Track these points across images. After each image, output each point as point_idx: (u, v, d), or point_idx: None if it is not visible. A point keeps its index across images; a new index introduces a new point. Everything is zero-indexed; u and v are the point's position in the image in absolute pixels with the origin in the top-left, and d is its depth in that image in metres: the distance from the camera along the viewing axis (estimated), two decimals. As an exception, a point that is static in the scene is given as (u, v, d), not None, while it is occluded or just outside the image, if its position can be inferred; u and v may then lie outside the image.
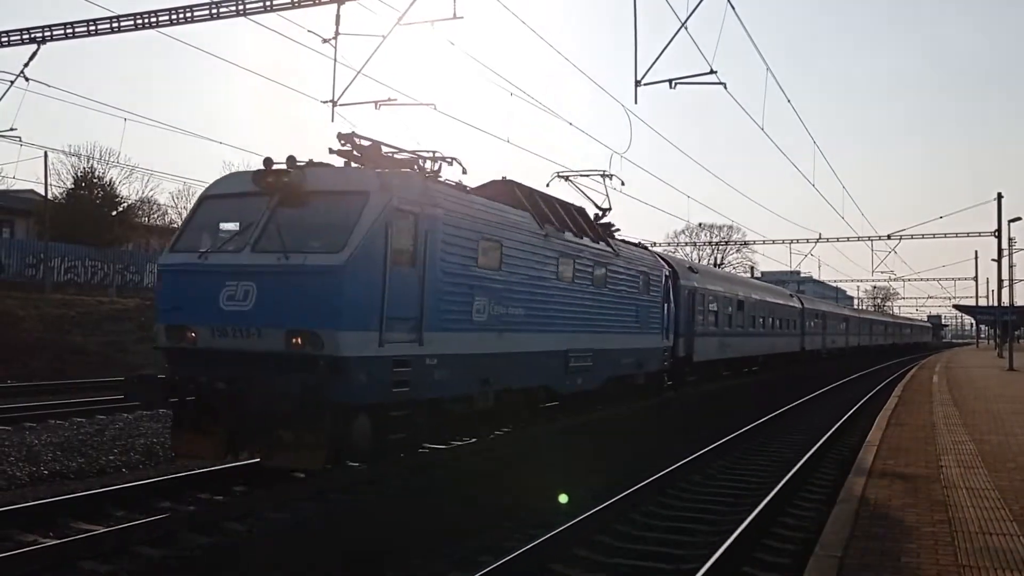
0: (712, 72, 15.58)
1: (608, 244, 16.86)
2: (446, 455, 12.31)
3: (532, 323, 13.25)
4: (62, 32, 18.51)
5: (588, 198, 18.50)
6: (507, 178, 14.30)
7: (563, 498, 9.49)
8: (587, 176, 18.56)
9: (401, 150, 11.60)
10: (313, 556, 7.61)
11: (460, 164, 12.10)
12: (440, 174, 11.79)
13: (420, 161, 11.57)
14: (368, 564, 7.38)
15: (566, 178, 18.48)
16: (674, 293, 21.95)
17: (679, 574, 7.21)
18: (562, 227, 14.56)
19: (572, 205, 16.17)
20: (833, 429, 15.84)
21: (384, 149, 11.26)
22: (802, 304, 42.94)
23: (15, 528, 7.99)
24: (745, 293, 32.21)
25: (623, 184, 18.87)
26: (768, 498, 9.39)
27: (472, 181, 14.64)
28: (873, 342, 69.36)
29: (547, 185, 17.64)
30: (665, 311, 20.53)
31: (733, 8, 15.24)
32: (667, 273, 20.98)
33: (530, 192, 14.39)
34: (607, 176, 18.41)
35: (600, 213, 18.41)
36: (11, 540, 7.66)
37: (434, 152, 11.80)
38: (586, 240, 15.64)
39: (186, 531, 8.06)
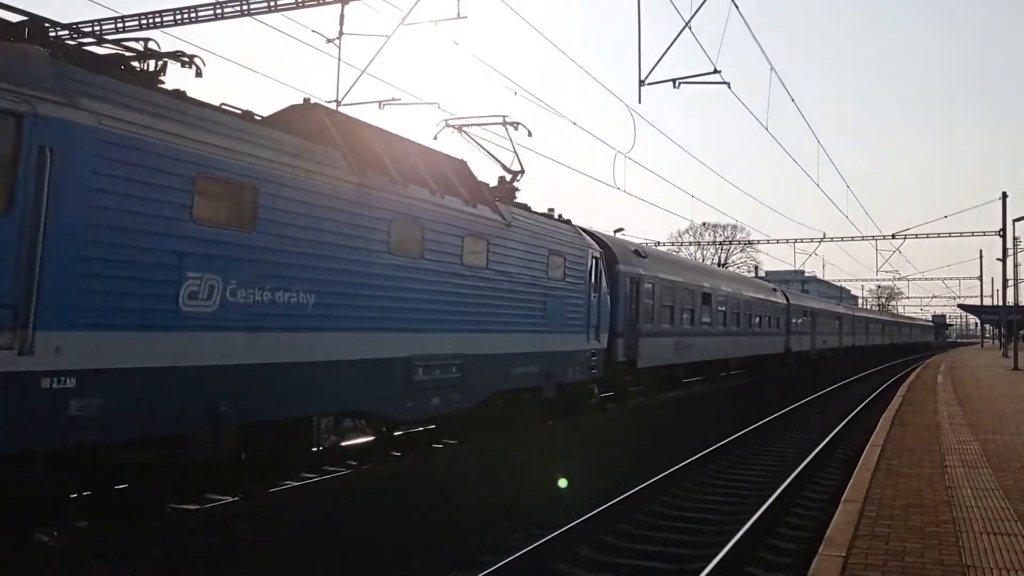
0: (716, 71, 15.64)
1: (496, 211, 12.88)
2: (447, 455, 12.30)
3: (331, 317, 9.20)
4: (66, 33, 18.54)
5: (493, 157, 14.92)
6: (310, 100, 10.37)
7: None
8: (485, 126, 14.79)
9: (126, 49, 8.14)
10: (314, 556, 7.61)
11: (198, 66, 8.38)
12: (163, 79, 8.12)
13: (141, 62, 8.03)
14: (369, 564, 7.39)
15: (459, 129, 14.65)
16: (610, 282, 17.80)
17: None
18: (406, 179, 10.63)
19: (439, 153, 12.37)
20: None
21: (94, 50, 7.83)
22: (787, 299, 39.02)
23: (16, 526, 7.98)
24: (712, 284, 27.29)
25: (530, 135, 15.18)
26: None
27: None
28: (870, 342, 65.73)
29: (435, 138, 14.66)
30: (594, 304, 16.41)
31: (737, 7, 15.25)
32: (596, 255, 16.66)
33: (348, 123, 10.43)
34: (510, 125, 14.66)
35: (508, 176, 15.01)
36: (14, 539, 7.67)
37: (146, 41, 8.19)
38: (452, 201, 11.57)
39: (192, 531, 8.07)
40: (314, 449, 9.65)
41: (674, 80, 15.84)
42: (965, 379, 28.23)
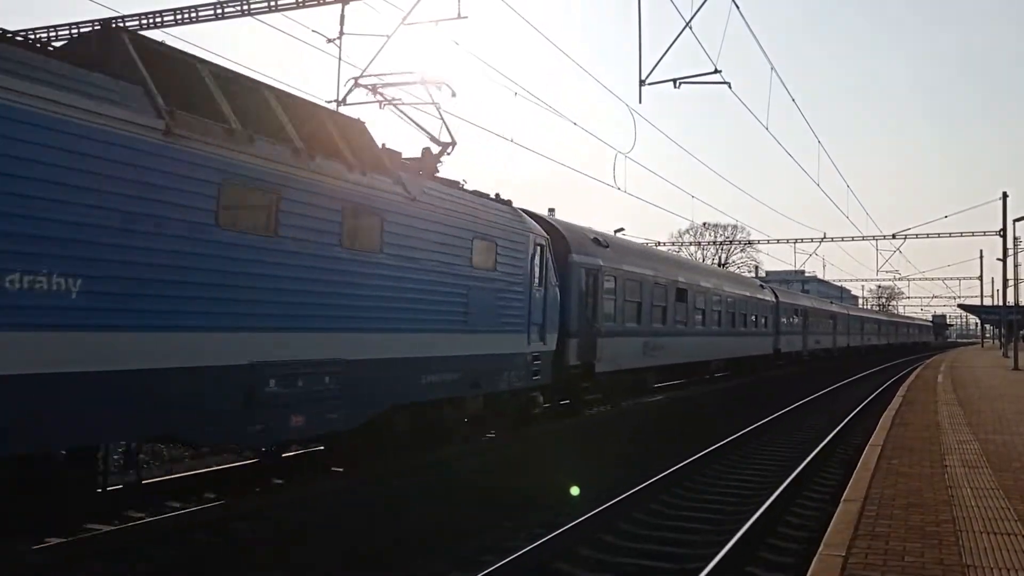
0: (716, 71, 15.68)
1: (399, 182, 10.41)
2: (448, 454, 12.31)
3: (113, 310, 6.84)
4: (67, 32, 18.59)
5: (415, 123, 12.40)
6: (113, 23, 7.78)
7: None
8: (401, 86, 12.20)
9: None
10: (314, 556, 7.62)
11: None
12: None
13: None
14: (369, 564, 7.40)
15: (373, 89, 12.18)
16: (561, 274, 15.59)
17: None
18: (253, 131, 8.22)
19: (320, 107, 10.24)
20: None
21: None
22: (776, 297, 36.64)
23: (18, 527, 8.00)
24: (689, 279, 24.67)
25: (454, 95, 12.43)
26: None
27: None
28: (866, 342, 63.35)
29: (343, 100, 12.45)
30: (538, 299, 14.02)
31: (737, 7, 15.25)
32: (541, 243, 14.28)
33: (165, 55, 8.18)
34: (431, 84, 12.16)
35: (436, 148, 12.51)
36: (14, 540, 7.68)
37: None
38: (328, 165, 9.14)
39: (192, 531, 8.08)
40: (100, 491, 7.76)
41: (675, 80, 15.88)
42: (965, 379, 28.23)
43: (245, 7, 17.00)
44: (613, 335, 18.21)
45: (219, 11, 17.27)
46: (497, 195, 13.85)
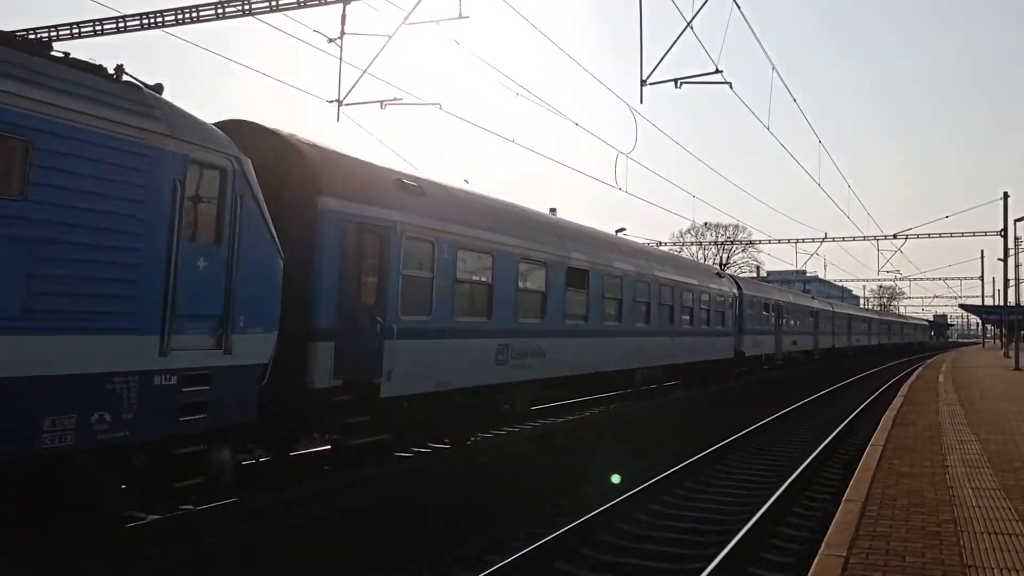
0: (718, 71, 15.68)
1: None
2: (448, 456, 12.32)
3: None
4: (68, 32, 18.59)
5: None
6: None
7: None
8: None
9: None
10: (314, 557, 7.63)
11: None
12: None
13: None
14: (369, 564, 7.40)
15: None
16: (302, 231, 9.70)
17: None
18: None
19: None
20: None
21: None
22: (739, 288, 30.43)
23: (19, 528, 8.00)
24: (592, 257, 17.59)
25: None
26: None
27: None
28: (854, 343, 57.70)
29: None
30: (200, 269, 7.65)
31: (739, 7, 15.26)
32: (213, 162, 7.81)
33: None
34: None
35: None
36: (15, 540, 7.68)
37: None
38: None
39: (190, 531, 8.08)
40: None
41: (676, 80, 15.88)
42: (966, 379, 28.22)
43: (246, 7, 16.98)
44: (424, 335, 11.73)
45: (220, 11, 17.25)
46: (102, 67, 7.26)
